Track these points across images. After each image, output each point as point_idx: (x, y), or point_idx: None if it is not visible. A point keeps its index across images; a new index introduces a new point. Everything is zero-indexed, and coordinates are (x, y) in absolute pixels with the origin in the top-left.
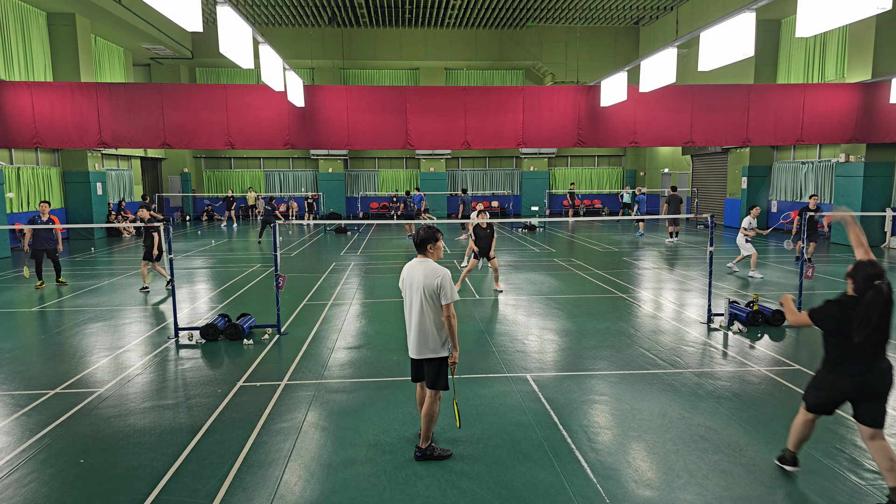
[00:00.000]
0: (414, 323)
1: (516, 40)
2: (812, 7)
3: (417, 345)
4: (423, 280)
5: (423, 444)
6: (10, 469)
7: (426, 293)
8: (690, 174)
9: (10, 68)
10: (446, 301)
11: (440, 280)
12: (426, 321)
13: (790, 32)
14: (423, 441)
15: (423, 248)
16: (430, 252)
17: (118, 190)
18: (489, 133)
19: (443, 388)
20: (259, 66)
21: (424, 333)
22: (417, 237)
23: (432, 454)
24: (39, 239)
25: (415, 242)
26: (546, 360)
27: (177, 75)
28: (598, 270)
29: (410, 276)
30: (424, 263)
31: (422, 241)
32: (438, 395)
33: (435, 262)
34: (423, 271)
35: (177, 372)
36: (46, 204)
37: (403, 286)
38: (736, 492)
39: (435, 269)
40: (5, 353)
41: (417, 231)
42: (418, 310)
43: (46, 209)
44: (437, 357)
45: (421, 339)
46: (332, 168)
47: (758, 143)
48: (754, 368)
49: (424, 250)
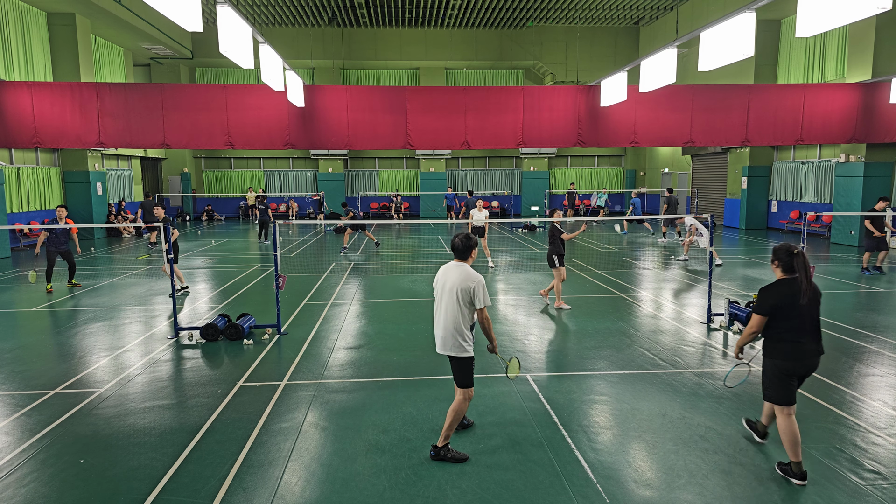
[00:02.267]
0: (444, 322)
1: (516, 40)
2: (812, 7)
3: (442, 342)
4: (459, 283)
5: (440, 442)
6: (10, 469)
7: (459, 296)
8: (690, 174)
9: (10, 68)
10: (480, 306)
11: (475, 286)
12: (451, 321)
13: (790, 32)
14: (441, 439)
15: (466, 255)
16: (470, 258)
17: (118, 190)
18: (489, 133)
19: (468, 386)
20: (259, 66)
21: (453, 333)
22: (460, 245)
23: (446, 455)
24: (55, 241)
25: (456, 249)
26: (546, 360)
27: (177, 75)
28: (598, 270)
29: (445, 277)
30: (462, 267)
31: (465, 248)
32: (468, 394)
33: (471, 268)
34: (458, 275)
35: (177, 372)
36: (63, 209)
37: (437, 286)
38: (736, 492)
39: (471, 274)
40: (5, 353)
41: (457, 238)
42: (446, 310)
43: (64, 214)
44: (459, 356)
45: (447, 338)
46: (332, 168)
47: (758, 143)
48: (754, 368)
49: (466, 257)
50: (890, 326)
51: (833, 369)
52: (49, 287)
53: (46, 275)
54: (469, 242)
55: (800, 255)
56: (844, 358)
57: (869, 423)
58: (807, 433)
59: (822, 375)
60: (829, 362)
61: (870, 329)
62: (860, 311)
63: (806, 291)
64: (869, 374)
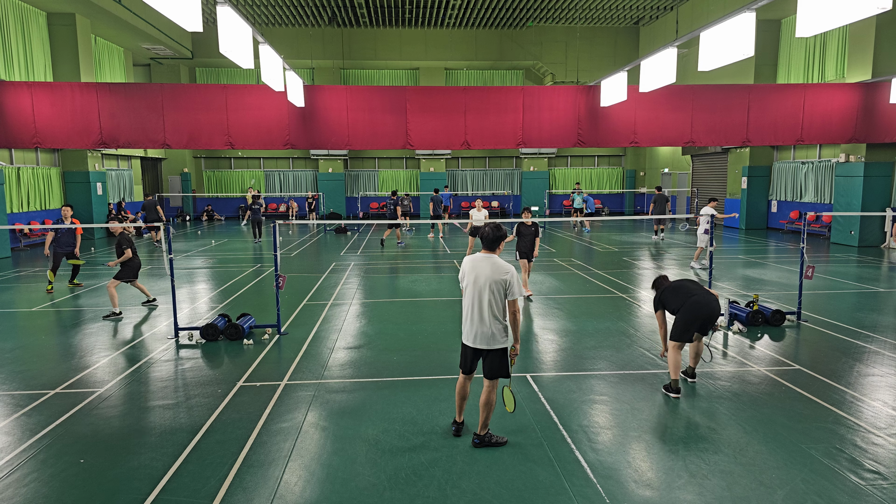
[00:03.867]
0: (479, 315)
1: (516, 40)
2: (812, 7)
3: (485, 336)
4: (492, 275)
5: (481, 431)
6: (10, 469)
7: (494, 288)
8: (690, 174)
9: (10, 68)
10: (513, 297)
11: (510, 277)
12: (495, 314)
13: (790, 32)
14: (482, 428)
15: (496, 245)
16: (499, 249)
17: (118, 190)
18: (489, 133)
19: (505, 376)
20: (259, 66)
21: (492, 325)
22: (491, 235)
23: (490, 440)
24: (61, 242)
25: (485, 239)
26: (546, 360)
27: (177, 75)
28: (598, 270)
29: (476, 270)
30: (491, 259)
31: (496, 238)
32: (495, 383)
33: (500, 259)
34: (490, 266)
35: (177, 372)
36: (69, 208)
37: (467, 279)
38: (736, 492)
39: (503, 265)
40: (5, 353)
41: (487, 228)
42: (487, 303)
43: (69, 213)
44: (502, 348)
45: (489, 331)
46: (332, 168)
47: (758, 143)
48: (754, 368)
49: (495, 248)
50: (890, 326)
51: (833, 369)
52: (49, 287)
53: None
54: (500, 233)
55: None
56: (844, 358)
57: (869, 423)
58: (807, 433)
59: (822, 375)
60: (830, 362)
61: (870, 329)
62: (860, 311)
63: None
64: (869, 374)
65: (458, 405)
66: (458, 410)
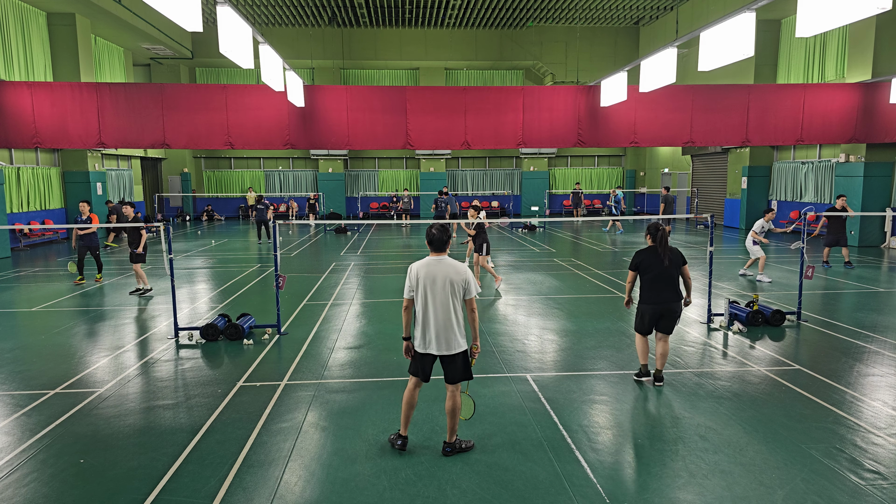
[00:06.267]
0: (441, 320)
1: (516, 40)
2: (812, 7)
3: (448, 341)
4: (450, 276)
5: (451, 438)
6: (10, 469)
7: (454, 289)
8: (690, 174)
9: (10, 68)
10: (470, 296)
11: (468, 275)
12: (456, 316)
13: (790, 32)
14: (452, 435)
15: (445, 246)
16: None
17: (118, 190)
18: (489, 133)
19: (469, 378)
20: (259, 66)
21: (454, 329)
22: (441, 237)
23: (461, 447)
24: (84, 237)
25: (435, 241)
26: (546, 360)
27: (177, 75)
28: (598, 270)
29: (431, 274)
30: (444, 261)
31: (445, 240)
32: (458, 387)
33: (452, 259)
34: (445, 268)
35: (177, 372)
36: (86, 203)
37: (421, 284)
38: (736, 492)
39: (459, 265)
40: (5, 353)
41: (433, 230)
42: (450, 305)
43: (86, 208)
44: (464, 350)
45: (451, 334)
46: (332, 168)
47: (758, 143)
48: (754, 368)
49: (444, 248)
50: (890, 326)
51: (833, 369)
52: (80, 279)
53: (78, 268)
54: (447, 234)
55: (661, 230)
56: (844, 358)
57: (869, 423)
58: (807, 433)
59: (822, 375)
60: (830, 362)
61: (870, 329)
62: (860, 311)
63: (665, 256)
64: (869, 374)
65: (406, 416)
66: (405, 422)
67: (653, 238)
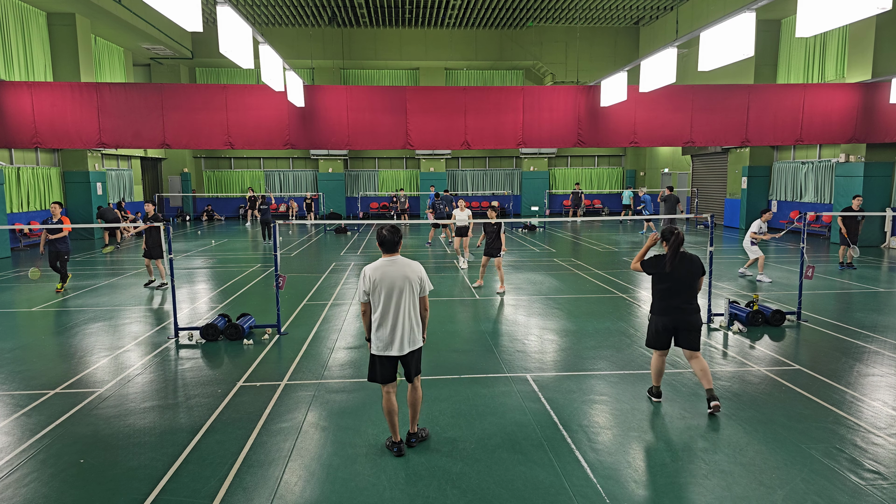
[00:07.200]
0: (407, 319)
1: (516, 40)
2: (812, 7)
3: (410, 340)
4: (408, 275)
5: (414, 428)
6: (10, 469)
7: (413, 288)
8: (690, 174)
9: (10, 68)
10: (425, 293)
11: (423, 272)
12: (415, 315)
13: (790, 32)
14: (415, 425)
15: (398, 247)
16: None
17: (118, 190)
18: (489, 133)
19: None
20: (259, 66)
21: (414, 327)
22: (393, 238)
23: (423, 436)
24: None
25: (387, 242)
26: (546, 360)
27: (177, 75)
28: (598, 270)
29: (389, 275)
30: (399, 261)
31: (396, 241)
32: (418, 378)
33: (405, 258)
34: (402, 268)
35: (177, 372)
36: (57, 205)
37: (379, 286)
38: (736, 492)
39: (413, 263)
40: (5, 353)
41: (384, 231)
42: (410, 305)
43: (58, 210)
44: (420, 346)
45: (412, 333)
46: (332, 168)
47: (758, 143)
48: (754, 368)
49: (396, 249)
50: (890, 326)
51: (833, 369)
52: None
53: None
54: (398, 235)
55: (676, 235)
56: (844, 358)
57: (869, 423)
58: (807, 433)
59: (822, 375)
60: (830, 362)
61: (870, 329)
62: (860, 311)
63: (670, 262)
64: (869, 374)
65: (393, 423)
66: (394, 429)
67: (668, 244)
